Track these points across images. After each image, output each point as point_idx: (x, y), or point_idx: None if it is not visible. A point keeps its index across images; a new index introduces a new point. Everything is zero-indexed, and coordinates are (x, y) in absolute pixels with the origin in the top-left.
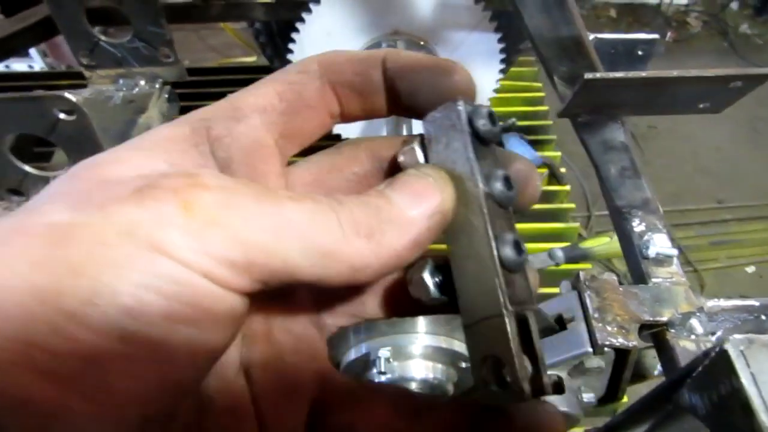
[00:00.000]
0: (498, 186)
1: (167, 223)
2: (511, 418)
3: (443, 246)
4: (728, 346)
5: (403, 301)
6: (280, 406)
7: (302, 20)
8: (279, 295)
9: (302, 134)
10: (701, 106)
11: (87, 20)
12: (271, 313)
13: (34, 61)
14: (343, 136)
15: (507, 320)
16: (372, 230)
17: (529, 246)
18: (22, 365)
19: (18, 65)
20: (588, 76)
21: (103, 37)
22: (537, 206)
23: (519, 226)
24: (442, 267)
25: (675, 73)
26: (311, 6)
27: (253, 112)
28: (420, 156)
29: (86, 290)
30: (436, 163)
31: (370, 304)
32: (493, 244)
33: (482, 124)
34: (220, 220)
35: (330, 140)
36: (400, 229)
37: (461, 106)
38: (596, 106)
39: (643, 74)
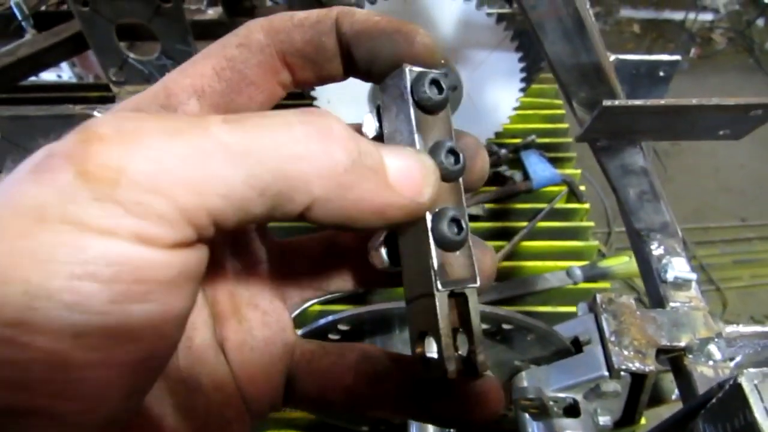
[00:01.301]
0: (442, 159)
1: (71, 196)
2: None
3: None
4: (742, 380)
5: (367, 274)
6: (257, 380)
7: None
8: (241, 270)
9: (248, 112)
10: (721, 133)
11: (117, 37)
12: (235, 291)
13: (62, 71)
14: (320, 97)
15: (437, 299)
16: (354, 165)
17: (547, 264)
18: None
19: (47, 75)
20: (607, 103)
21: (132, 55)
22: (556, 224)
23: (536, 244)
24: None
25: (695, 101)
26: None
27: (189, 97)
28: (374, 125)
29: (20, 296)
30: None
31: (335, 277)
32: (429, 222)
33: (423, 92)
34: (125, 172)
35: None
36: (378, 190)
37: (406, 74)
38: (615, 131)
39: (663, 102)
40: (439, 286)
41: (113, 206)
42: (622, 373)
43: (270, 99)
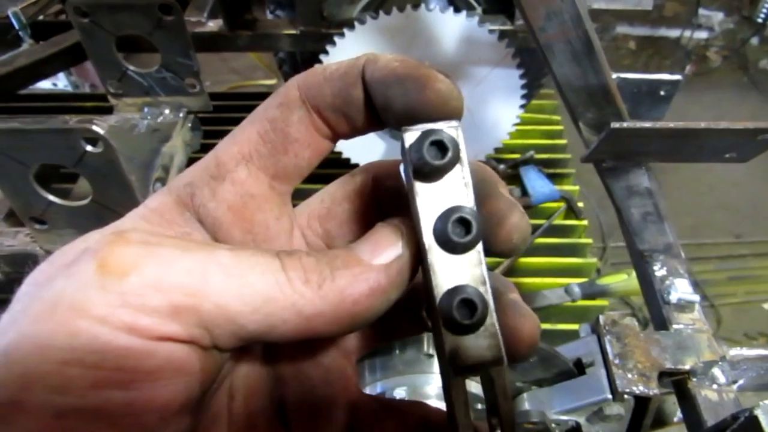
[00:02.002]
0: (448, 229)
1: (85, 285)
2: None
3: None
4: (759, 412)
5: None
6: None
7: (326, 52)
8: None
9: (296, 169)
10: (727, 156)
11: (116, 49)
12: (297, 354)
13: (58, 79)
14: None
15: (451, 387)
16: (322, 277)
17: (545, 281)
18: None
19: (42, 83)
20: (614, 125)
21: (131, 67)
22: (555, 240)
23: (535, 260)
24: None
25: (703, 124)
26: (336, 39)
27: (237, 164)
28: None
29: (18, 378)
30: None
31: (400, 326)
32: (437, 302)
33: (420, 158)
34: (138, 270)
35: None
36: (355, 276)
37: (403, 139)
38: (621, 153)
39: (671, 125)
40: (453, 372)
41: (115, 296)
42: (626, 396)
43: (317, 153)
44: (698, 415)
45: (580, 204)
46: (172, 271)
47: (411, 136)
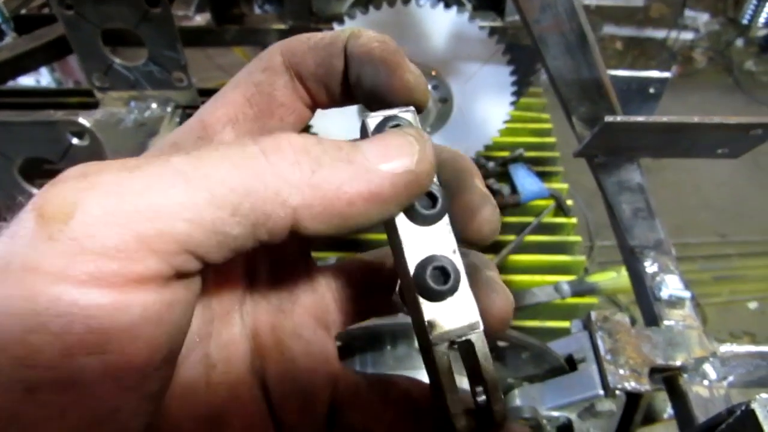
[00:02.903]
0: (415, 204)
1: (29, 240)
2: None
3: None
4: (755, 406)
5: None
6: (300, 411)
7: None
8: (284, 301)
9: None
10: (719, 151)
11: (102, 42)
12: (278, 323)
13: (41, 76)
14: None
15: (434, 354)
16: (318, 163)
17: (535, 278)
18: None
19: (25, 79)
20: (608, 119)
21: (117, 60)
22: (544, 238)
23: (524, 258)
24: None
25: (696, 119)
26: None
27: (224, 126)
28: None
29: None
30: None
31: (381, 302)
32: (411, 271)
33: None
34: (77, 209)
35: None
36: (357, 173)
37: (369, 120)
38: (614, 148)
39: (664, 119)
40: (433, 341)
41: (67, 243)
42: (617, 392)
43: (300, 119)
44: (689, 411)
45: (569, 202)
46: (123, 196)
47: (372, 121)
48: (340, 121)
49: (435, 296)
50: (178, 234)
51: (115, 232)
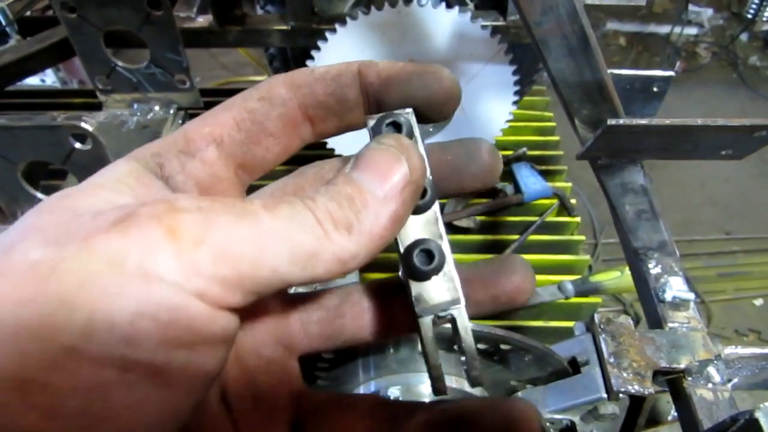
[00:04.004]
0: None
1: (156, 249)
2: (480, 418)
3: None
4: (759, 415)
5: (387, 321)
6: (261, 428)
7: (317, 48)
8: (246, 318)
9: (263, 162)
10: (724, 153)
11: (104, 44)
12: (238, 339)
13: (46, 75)
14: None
15: (420, 325)
16: (350, 222)
17: (538, 278)
18: (20, 405)
19: (30, 79)
20: (611, 122)
21: (120, 63)
22: (547, 237)
23: (527, 257)
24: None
25: (699, 121)
26: (327, 34)
27: (208, 144)
28: None
29: (82, 323)
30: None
31: (349, 327)
32: (401, 250)
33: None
34: (205, 239)
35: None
36: (377, 212)
37: (369, 120)
38: (617, 150)
39: (667, 122)
40: (418, 313)
41: (191, 264)
42: (621, 395)
43: (286, 150)
44: (693, 414)
45: (573, 201)
46: (233, 240)
47: (372, 121)
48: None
49: (421, 275)
50: (261, 280)
51: (226, 267)
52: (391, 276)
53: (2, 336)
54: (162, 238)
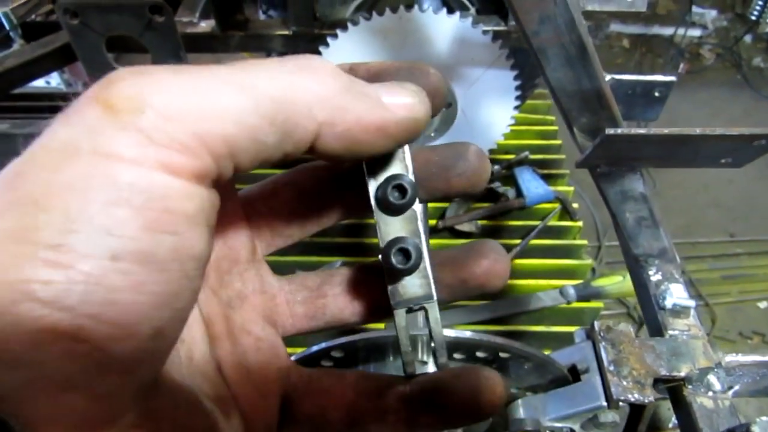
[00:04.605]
0: (388, 194)
1: (100, 129)
2: (451, 386)
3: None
4: (756, 429)
5: (367, 295)
6: (254, 402)
7: (319, 53)
8: (234, 297)
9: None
10: (723, 161)
11: (106, 50)
12: (229, 316)
13: (51, 77)
14: None
15: (395, 315)
16: (347, 90)
17: (540, 282)
18: (26, 301)
19: (35, 81)
20: (609, 131)
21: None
22: (549, 241)
23: (529, 262)
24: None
25: (698, 130)
26: (329, 40)
27: None
28: None
29: (61, 221)
30: None
31: (331, 303)
32: (382, 247)
33: None
34: (147, 102)
35: None
36: (374, 108)
37: None
38: (616, 158)
39: (666, 131)
40: (393, 305)
41: (138, 135)
42: (621, 403)
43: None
44: (693, 423)
45: (575, 205)
46: (181, 95)
47: None
48: None
49: (398, 272)
50: (228, 136)
51: (178, 128)
52: (375, 260)
53: None
54: (101, 116)
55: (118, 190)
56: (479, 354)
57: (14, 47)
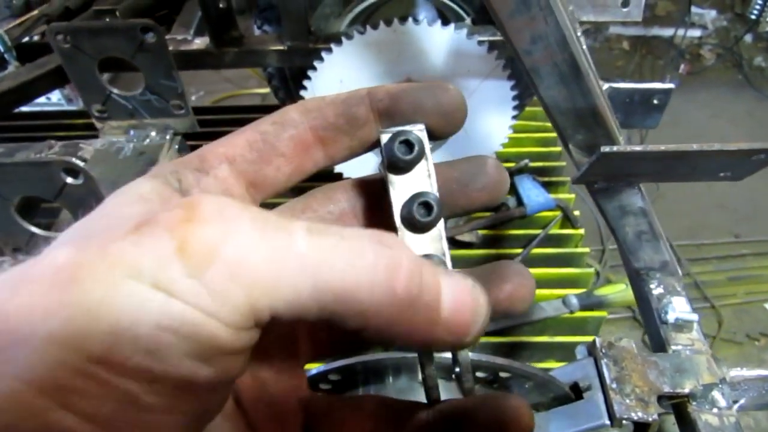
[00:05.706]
0: (413, 211)
1: (167, 264)
2: (475, 415)
3: None
4: None
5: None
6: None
7: (314, 68)
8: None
9: (274, 182)
10: (722, 175)
11: (99, 71)
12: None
13: (51, 93)
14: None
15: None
16: (412, 291)
17: (542, 292)
18: (58, 410)
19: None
20: (605, 149)
21: (115, 90)
22: (551, 250)
23: (532, 271)
24: None
25: (695, 146)
26: (323, 54)
27: (221, 162)
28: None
29: (108, 335)
30: None
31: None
32: None
33: (393, 154)
34: (219, 255)
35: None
36: (427, 322)
37: (381, 139)
38: (613, 174)
39: (662, 148)
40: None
41: (200, 286)
42: (624, 422)
43: (298, 171)
44: None
45: (576, 212)
46: (251, 260)
47: (385, 137)
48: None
49: None
50: (277, 309)
51: (238, 292)
52: None
53: (36, 345)
54: (172, 254)
55: (168, 319)
56: (479, 374)
57: (9, 69)
